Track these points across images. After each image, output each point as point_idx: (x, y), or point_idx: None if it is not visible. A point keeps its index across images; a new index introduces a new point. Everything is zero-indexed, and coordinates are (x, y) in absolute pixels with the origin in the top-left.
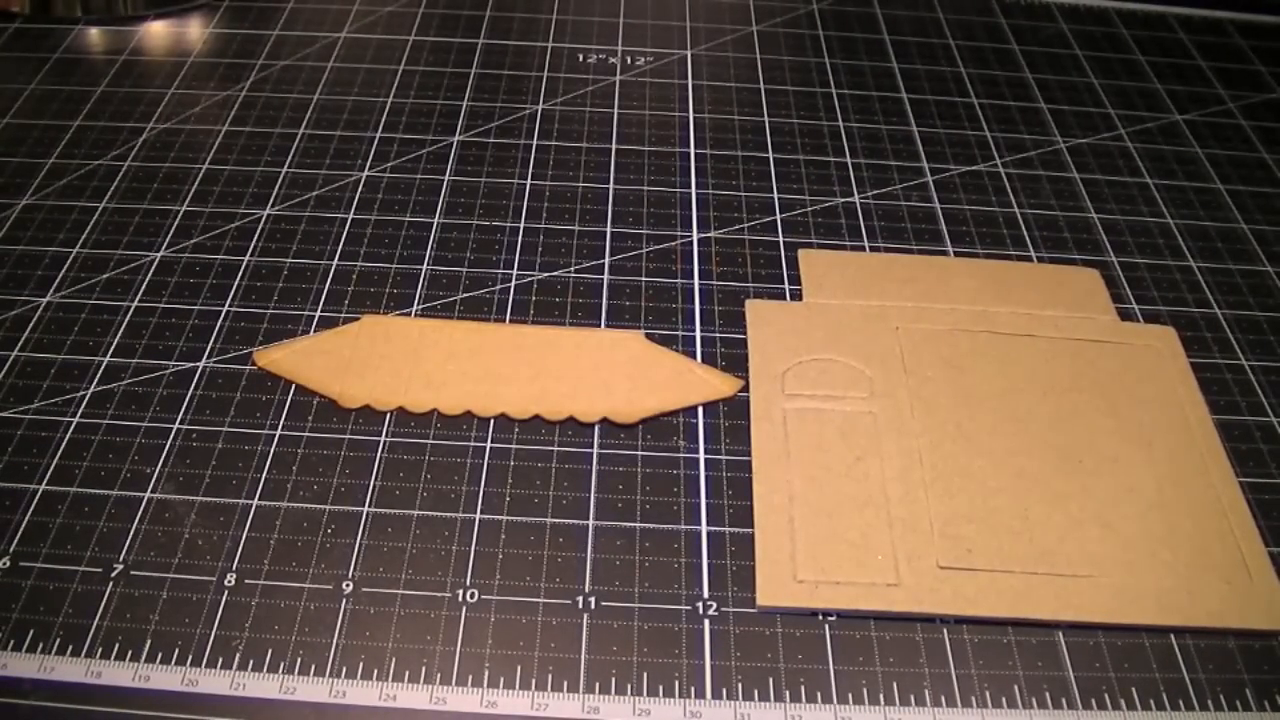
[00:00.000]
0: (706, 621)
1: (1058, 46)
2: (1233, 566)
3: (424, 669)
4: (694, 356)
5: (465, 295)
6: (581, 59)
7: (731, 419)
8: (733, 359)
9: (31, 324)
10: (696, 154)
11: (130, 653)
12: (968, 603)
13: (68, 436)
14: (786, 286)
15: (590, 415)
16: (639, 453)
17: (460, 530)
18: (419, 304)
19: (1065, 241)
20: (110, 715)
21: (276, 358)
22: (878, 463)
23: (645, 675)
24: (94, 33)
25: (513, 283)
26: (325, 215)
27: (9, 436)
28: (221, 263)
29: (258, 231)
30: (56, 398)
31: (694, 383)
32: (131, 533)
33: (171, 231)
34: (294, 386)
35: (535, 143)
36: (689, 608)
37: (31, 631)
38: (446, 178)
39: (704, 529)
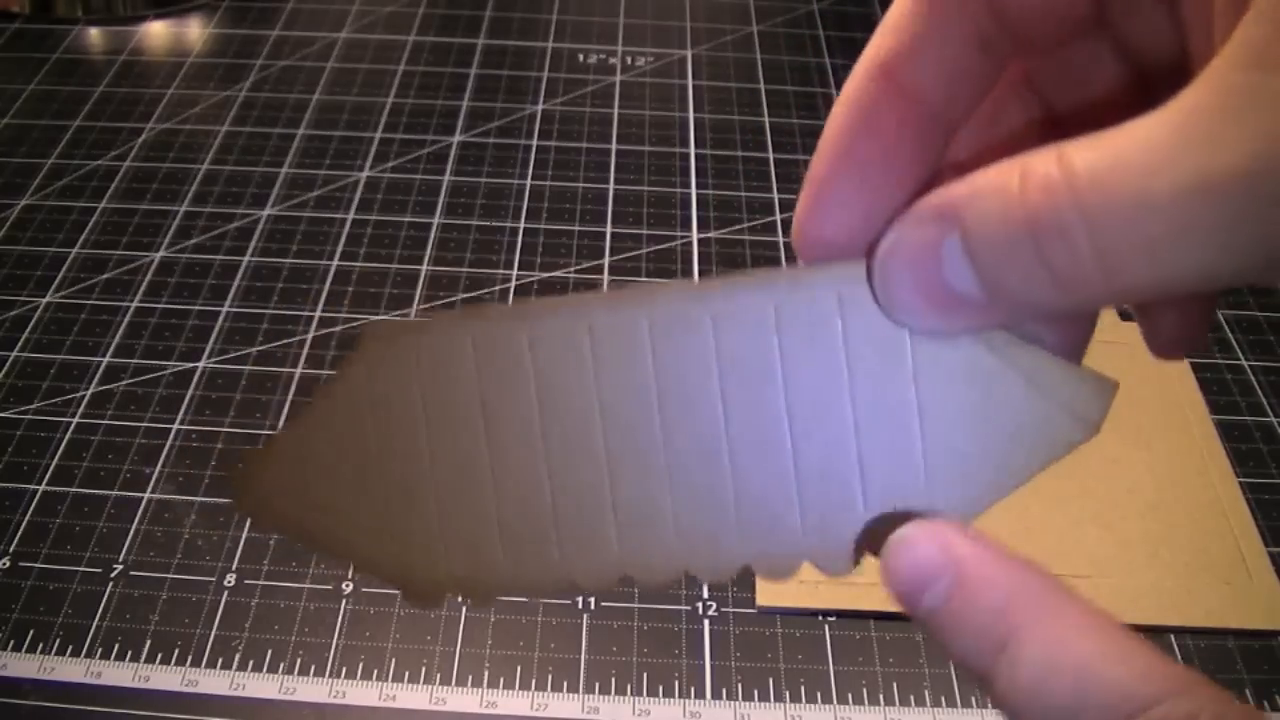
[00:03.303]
0: (706, 622)
1: None
2: (1232, 566)
3: (424, 669)
4: None
5: (465, 296)
6: (581, 59)
7: None
8: None
9: (31, 324)
10: (696, 154)
11: (130, 653)
12: None
13: (68, 436)
14: None
15: None
16: None
17: None
18: (419, 304)
19: None
20: (110, 715)
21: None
22: None
23: (645, 675)
24: (94, 33)
25: (513, 283)
26: (325, 215)
27: (9, 436)
28: (221, 263)
29: (258, 231)
30: (56, 398)
31: None
32: (131, 533)
33: (171, 231)
34: (295, 385)
35: (535, 143)
36: (689, 608)
37: (31, 631)
38: (446, 178)
39: None
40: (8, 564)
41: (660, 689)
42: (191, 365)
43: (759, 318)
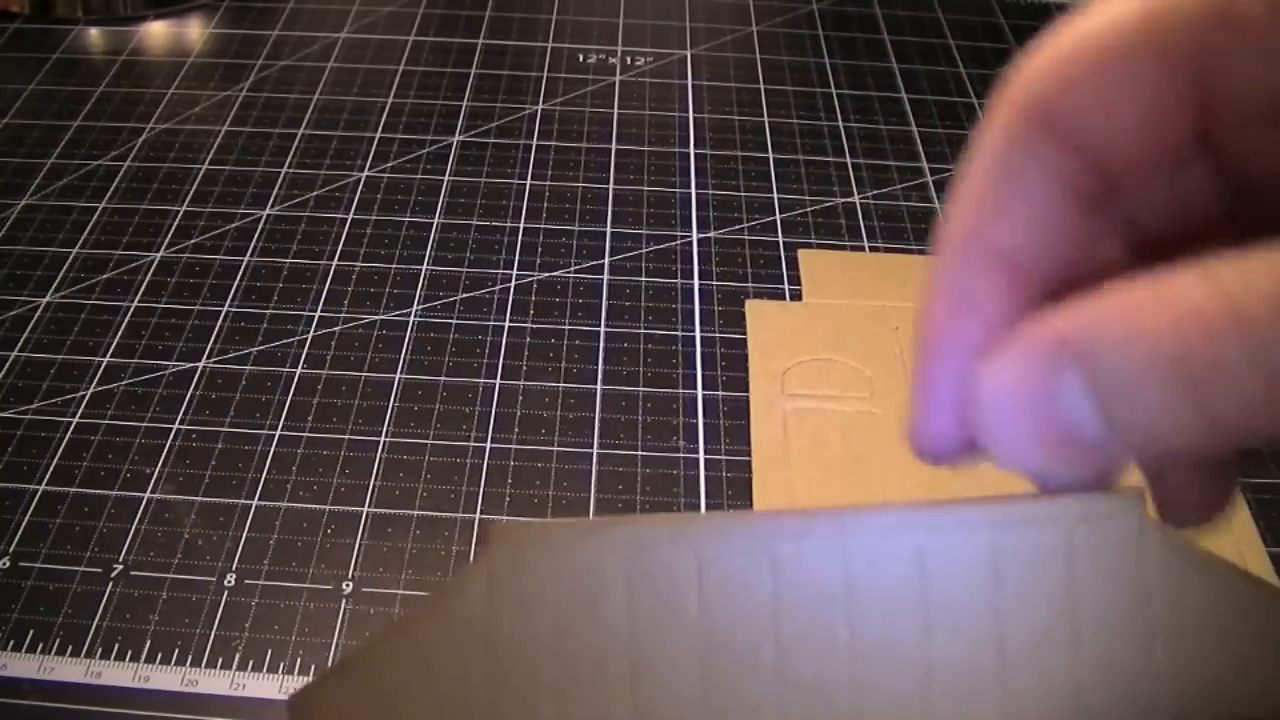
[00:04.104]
0: None
1: None
2: None
3: None
4: (694, 357)
5: (465, 295)
6: (581, 59)
7: (731, 419)
8: (733, 359)
9: (31, 324)
10: (696, 154)
11: (130, 653)
12: None
13: (68, 436)
14: (786, 287)
15: None
16: (639, 453)
17: (460, 530)
18: (419, 304)
19: None
20: (110, 715)
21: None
22: (878, 463)
23: None
24: (94, 33)
25: (512, 283)
26: (325, 215)
27: (9, 436)
28: (221, 263)
29: (258, 231)
30: (56, 398)
31: None
32: (131, 533)
33: (171, 231)
34: (294, 385)
35: (535, 143)
36: None
37: (31, 631)
38: (446, 178)
39: None
40: (8, 564)
41: None
42: (191, 365)
43: (974, 559)
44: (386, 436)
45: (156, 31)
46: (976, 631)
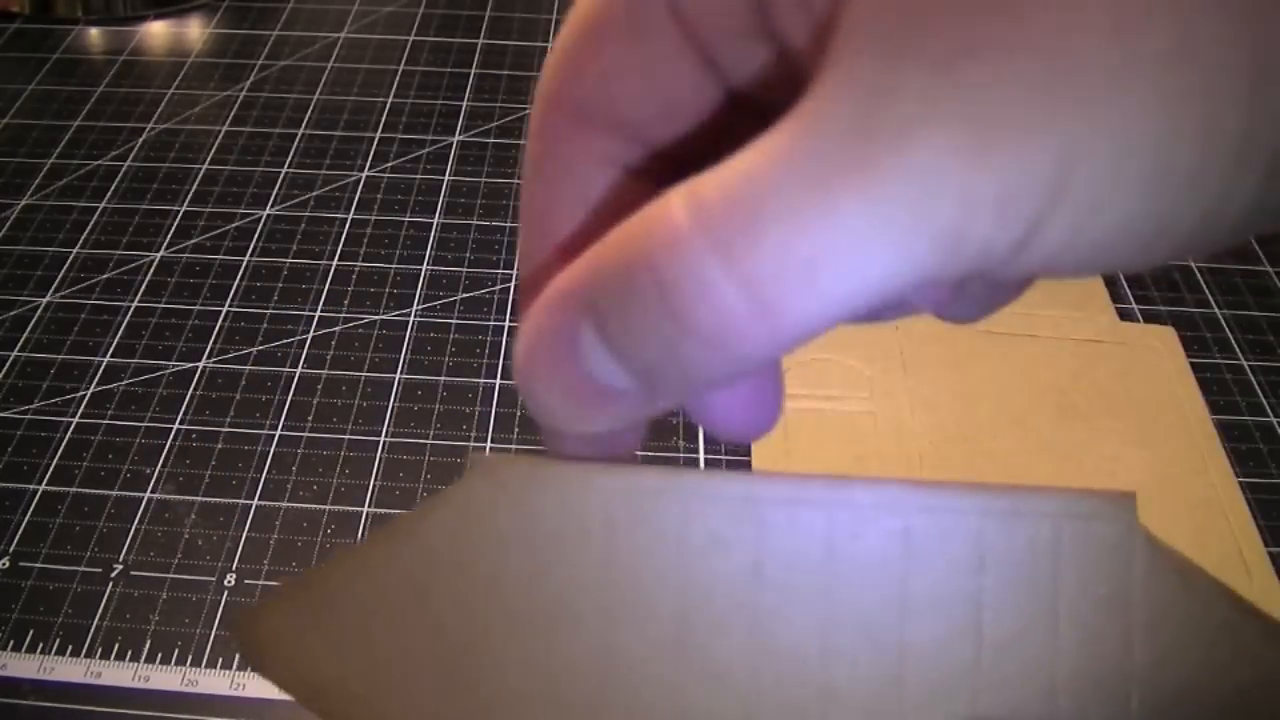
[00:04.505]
0: None
1: None
2: (1232, 566)
3: None
4: None
5: (465, 295)
6: None
7: None
8: None
9: (31, 324)
10: None
11: (130, 653)
12: None
13: (68, 436)
14: None
15: None
16: (640, 452)
17: None
18: (419, 304)
19: None
20: (110, 715)
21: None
22: (878, 463)
23: None
24: (94, 33)
25: (513, 283)
26: (325, 215)
27: (9, 436)
28: (221, 263)
29: (258, 231)
30: (56, 398)
31: None
32: (131, 533)
33: (171, 231)
34: (294, 385)
35: None
36: None
37: (31, 631)
38: (446, 178)
39: None
40: (8, 564)
41: None
42: (191, 365)
43: (959, 544)
44: (386, 436)
45: (156, 31)
46: (955, 617)
